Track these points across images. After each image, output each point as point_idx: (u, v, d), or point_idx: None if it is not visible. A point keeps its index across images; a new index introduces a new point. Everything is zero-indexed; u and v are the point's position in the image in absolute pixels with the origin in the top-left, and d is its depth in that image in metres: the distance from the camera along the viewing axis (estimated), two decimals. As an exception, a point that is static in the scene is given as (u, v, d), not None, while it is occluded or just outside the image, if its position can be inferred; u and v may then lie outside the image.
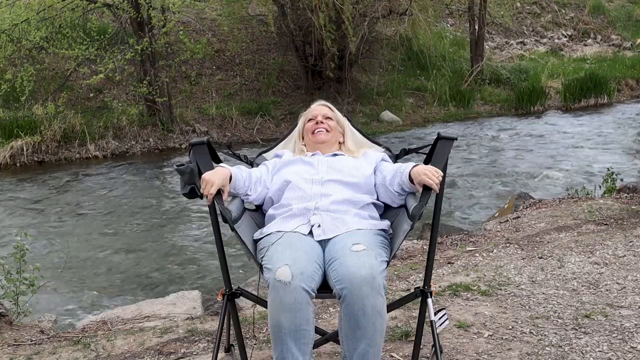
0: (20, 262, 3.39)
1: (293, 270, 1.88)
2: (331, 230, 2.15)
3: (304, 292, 1.87)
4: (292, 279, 1.86)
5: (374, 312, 1.88)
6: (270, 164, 2.49)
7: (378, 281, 1.88)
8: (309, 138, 2.56)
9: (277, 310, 1.87)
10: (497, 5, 15.10)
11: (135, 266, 5.30)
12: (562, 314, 2.94)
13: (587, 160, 8.49)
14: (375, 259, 1.94)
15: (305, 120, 2.61)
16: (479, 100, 12.52)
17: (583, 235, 4.15)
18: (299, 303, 1.86)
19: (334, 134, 2.55)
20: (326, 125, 2.54)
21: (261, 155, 2.69)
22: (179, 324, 3.10)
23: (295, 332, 1.87)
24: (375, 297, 1.87)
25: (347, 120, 2.72)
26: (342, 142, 2.60)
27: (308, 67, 11.70)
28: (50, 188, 8.01)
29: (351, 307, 1.88)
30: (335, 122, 2.59)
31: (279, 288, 1.86)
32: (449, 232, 4.70)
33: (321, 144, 2.52)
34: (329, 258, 2.01)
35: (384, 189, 2.33)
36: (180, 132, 10.26)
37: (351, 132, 2.68)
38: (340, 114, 2.67)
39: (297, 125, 2.68)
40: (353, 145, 2.62)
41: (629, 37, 16.81)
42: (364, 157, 2.49)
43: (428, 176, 2.04)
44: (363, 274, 1.87)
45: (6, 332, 3.12)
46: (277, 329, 1.88)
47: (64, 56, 10.30)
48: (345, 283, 1.88)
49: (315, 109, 2.61)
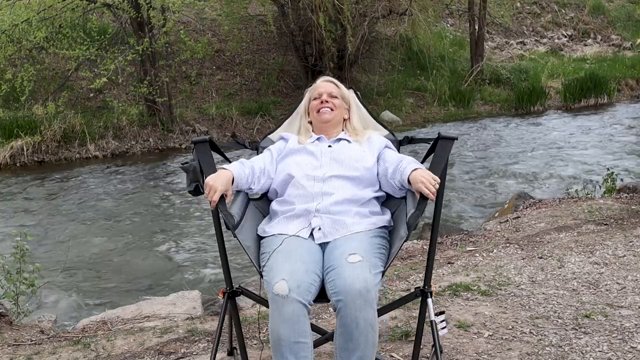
0: (20, 262, 3.39)
1: (290, 284, 1.94)
2: (331, 233, 2.19)
3: (300, 305, 1.93)
4: (289, 293, 1.92)
5: (366, 325, 1.93)
6: (275, 150, 2.51)
7: (372, 294, 1.93)
8: (314, 116, 2.57)
9: (277, 321, 1.94)
10: (497, 5, 15.11)
11: (136, 266, 5.30)
12: (562, 314, 2.94)
13: (587, 160, 8.49)
14: (370, 272, 1.98)
15: (311, 97, 2.61)
16: (479, 100, 12.52)
17: (583, 235, 4.15)
18: (296, 315, 1.93)
19: (338, 112, 2.56)
20: (331, 104, 2.53)
21: (267, 137, 2.70)
22: (179, 324, 3.10)
23: (294, 345, 1.93)
24: (367, 310, 1.93)
25: (353, 93, 2.70)
26: (347, 118, 2.60)
27: (308, 67, 11.70)
28: (50, 188, 8.01)
29: (345, 319, 1.94)
30: (340, 99, 2.58)
31: (277, 301, 1.93)
32: (449, 232, 4.70)
33: (326, 123, 2.53)
34: (327, 265, 2.06)
35: (386, 180, 2.34)
36: (180, 132, 10.26)
37: (357, 108, 2.67)
38: (346, 90, 2.66)
39: (302, 101, 2.68)
40: (358, 122, 2.62)
41: (629, 37, 16.81)
42: (367, 144, 2.48)
43: (425, 184, 2.06)
44: (357, 287, 1.92)
45: (6, 332, 3.12)
46: (277, 341, 1.95)
47: (64, 56, 10.30)
48: (341, 295, 1.93)
49: (321, 86, 2.60)
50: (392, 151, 2.48)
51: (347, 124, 2.60)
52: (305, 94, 2.67)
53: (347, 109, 2.61)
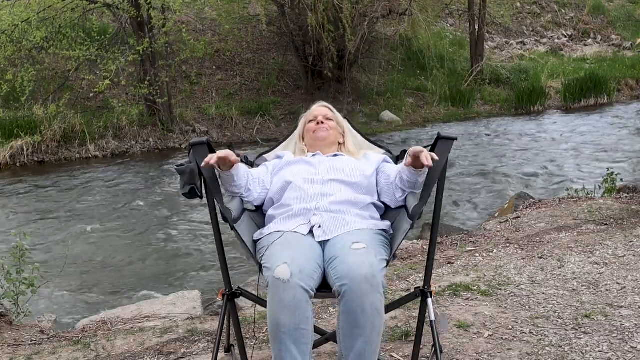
0: (20, 262, 3.39)
1: (292, 268, 1.89)
2: (332, 230, 2.16)
3: (302, 291, 1.88)
4: (291, 277, 1.86)
5: (372, 310, 1.88)
6: (271, 165, 2.51)
7: (378, 279, 1.89)
8: (309, 137, 2.58)
9: (276, 308, 1.87)
10: (497, 5, 15.10)
11: (135, 266, 5.30)
12: (562, 314, 2.95)
13: (587, 160, 8.49)
14: (375, 257, 1.95)
15: (306, 121, 2.65)
16: (479, 100, 12.51)
17: (583, 235, 4.15)
18: (298, 300, 1.86)
19: (334, 132, 2.59)
20: (326, 125, 2.58)
21: (262, 156, 2.70)
22: (179, 324, 3.10)
23: (294, 332, 1.87)
24: (374, 295, 1.88)
25: (347, 122, 2.75)
26: (341, 142, 2.63)
27: (308, 67, 11.70)
28: (50, 188, 8.01)
29: (350, 304, 1.88)
30: (336, 122, 2.63)
31: (278, 286, 1.87)
32: (449, 232, 4.70)
33: (322, 141, 2.54)
34: (329, 257, 2.02)
35: (387, 188, 2.33)
36: (180, 132, 10.26)
37: (351, 134, 2.71)
38: (340, 116, 2.71)
39: (298, 127, 2.71)
40: (353, 146, 2.65)
41: (629, 37, 16.80)
42: (364, 158, 2.51)
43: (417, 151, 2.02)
44: (363, 272, 1.87)
45: (6, 332, 3.12)
46: (276, 328, 1.88)
47: (64, 56, 10.30)
48: (345, 280, 1.88)
49: (316, 110, 2.65)
50: (391, 164, 2.50)
51: (342, 148, 2.62)
52: (300, 120, 2.71)
53: (341, 134, 2.64)
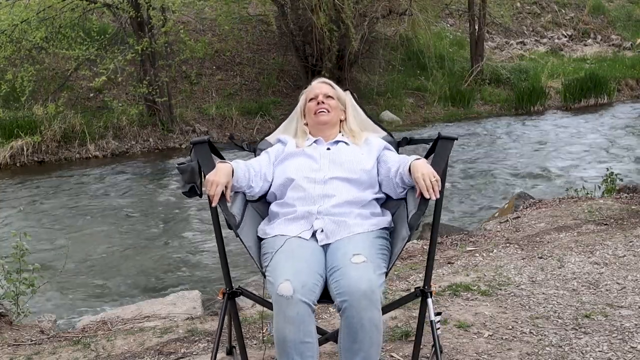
0: (20, 262, 3.39)
1: (294, 284, 1.94)
2: (334, 234, 2.19)
3: (305, 305, 1.94)
4: (293, 293, 1.93)
5: (370, 326, 1.95)
6: (273, 153, 2.49)
7: (376, 295, 1.95)
8: (311, 118, 2.55)
9: (282, 324, 1.95)
10: (497, 5, 15.08)
11: (135, 266, 5.30)
12: (562, 314, 2.95)
13: (587, 160, 8.49)
14: (374, 273, 1.99)
15: (307, 98, 2.60)
16: (479, 100, 12.51)
17: (583, 235, 4.15)
18: (301, 316, 1.94)
19: (335, 114, 2.54)
20: (327, 105, 2.52)
21: (264, 140, 2.69)
22: (179, 324, 3.10)
23: (299, 345, 1.94)
24: (372, 311, 1.94)
25: (349, 95, 2.69)
26: (343, 119, 2.59)
27: (308, 67, 11.69)
28: (50, 188, 8.01)
29: (350, 319, 1.95)
30: (336, 100, 2.57)
31: (282, 302, 1.94)
32: (449, 232, 4.70)
33: (323, 125, 2.52)
34: (331, 266, 2.06)
35: (387, 180, 2.33)
36: (180, 132, 10.26)
37: (353, 109, 2.67)
38: (341, 91, 2.65)
39: (299, 103, 2.67)
40: (355, 124, 2.61)
41: (629, 37, 16.80)
42: (366, 146, 2.47)
43: (424, 180, 2.06)
44: (363, 288, 1.93)
45: (6, 332, 3.12)
46: (282, 342, 1.95)
47: (64, 56, 10.29)
48: (345, 296, 1.94)
49: (316, 87, 2.59)
50: (392, 152, 2.48)
51: (343, 125, 2.59)
52: (301, 96, 2.67)
53: (343, 110, 2.60)
